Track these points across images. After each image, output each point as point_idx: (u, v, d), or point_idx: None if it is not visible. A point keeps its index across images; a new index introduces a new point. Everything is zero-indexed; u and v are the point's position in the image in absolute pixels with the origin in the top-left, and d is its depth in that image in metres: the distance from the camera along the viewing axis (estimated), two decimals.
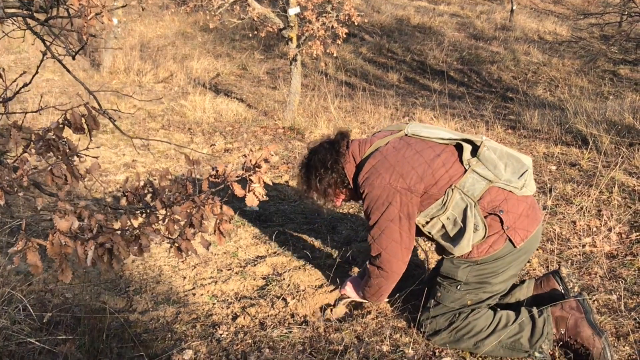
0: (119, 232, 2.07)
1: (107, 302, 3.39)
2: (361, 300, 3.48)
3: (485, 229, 2.95)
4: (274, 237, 4.35)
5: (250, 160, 2.31)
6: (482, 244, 2.97)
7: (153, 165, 5.86)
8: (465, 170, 3.01)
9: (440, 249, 3.16)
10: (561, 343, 3.00)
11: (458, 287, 3.07)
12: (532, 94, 9.22)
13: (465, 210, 2.95)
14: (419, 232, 3.15)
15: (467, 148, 3.06)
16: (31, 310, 3.02)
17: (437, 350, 3.09)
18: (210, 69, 10.70)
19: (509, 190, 3.01)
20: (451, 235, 3.00)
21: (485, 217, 2.95)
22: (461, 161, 3.04)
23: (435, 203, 3.01)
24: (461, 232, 2.96)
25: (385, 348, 3.08)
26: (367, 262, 3.24)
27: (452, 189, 2.98)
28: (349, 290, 3.50)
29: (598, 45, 11.63)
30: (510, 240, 2.98)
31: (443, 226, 3.02)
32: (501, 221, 2.96)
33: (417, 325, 3.24)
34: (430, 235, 3.10)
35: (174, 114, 7.86)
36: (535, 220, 3.07)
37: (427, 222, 3.07)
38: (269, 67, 11.35)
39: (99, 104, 2.12)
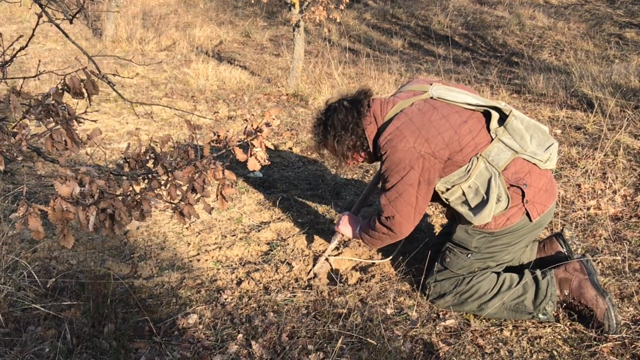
0: (120, 197, 2.06)
1: (112, 269, 3.40)
2: (352, 237, 3.51)
3: (508, 201, 2.91)
4: (277, 203, 4.35)
5: (252, 125, 2.30)
6: (501, 216, 2.94)
7: (156, 133, 5.84)
8: (492, 139, 2.95)
9: (456, 216, 3.13)
10: (565, 304, 3.00)
11: (468, 256, 3.06)
12: (538, 58, 9.13)
13: (489, 180, 2.90)
14: (435, 198, 3.10)
15: (495, 116, 2.97)
16: (36, 276, 3.03)
17: (440, 313, 3.10)
18: (213, 36, 10.61)
19: (534, 163, 2.96)
20: (472, 204, 2.96)
21: (507, 188, 2.93)
22: (488, 129, 2.97)
23: (458, 170, 2.96)
24: (483, 202, 2.91)
25: (389, 311, 3.09)
26: (376, 220, 3.17)
27: (477, 157, 2.91)
28: (343, 228, 3.46)
29: (604, 9, 11.47)
30: (528, 214, 2.96)
31: (463, 194, 2.97)
32: (522, 194, 2.93)
33: (421, 288, 3.25)
34: (447, 202, 3.07)
35: (177, 82, 7.83)
36: (552, 194, 3.05)
37: (447, 190, 3.02)
38: (272, 34, 11.26)
39: (98, 69, 2.10)
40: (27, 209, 1.93)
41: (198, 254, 3.70)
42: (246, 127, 2.29)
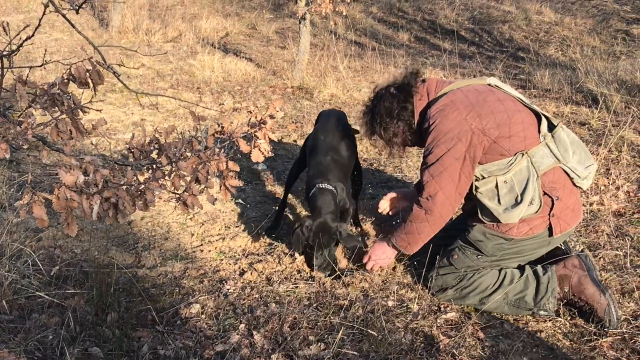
0: (124, 187, 2.08)
1: (116, 258, 3.42)
2: (390, 259, 3.33)
3: (540, 206, 2.90)
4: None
5: (256, 116, 2.31)
6: (524, 224, 2.94)
7: (162, 124, 5.86)
8: (540, 142, 2.96)
9: (479, 209, 3.06)
10: (565, 301, 3.01)
11: (478, 257, 3.06)
12: (544, 53, 9.11)
13: (527, 180, 2.89)
14: None
15: (545, 122, 3.01)
16: (40, 265, 3.06)
17: (442, 306, 3.12)
18: (219, 28, 10.60)
19: (571, 177, 2.97)
20: (502, 200, 2.94)
21: (542, 194, 2.92)
22: (538, 130, 2.99)
23: (499, 160, 2.94)
24: (516, 202, 2.90)
25: (390, 303, 3.11)
26: (414, 205, 3.10)
27: (522, 154, 2.91)
28: (379, 254, 3.30)
29: (611, 4, 11.42)
30: (550, 228, 2.95)
31: (496, 186, 2.95)
32: (552, 207, 2.93)
33: (423, 281, 3.26)
34: (476, 192, 3.03)
35: (183, 73, 7.84)
36: (577, 216, 3.05)
37: (483, 177, 3.00)
38: (278, 27, 11.25)
39: (104, 59, 2.12)
40: (32, 196, 1.95)
41: (201, 245, 3.72)
42: (250, 119, 2.30)
